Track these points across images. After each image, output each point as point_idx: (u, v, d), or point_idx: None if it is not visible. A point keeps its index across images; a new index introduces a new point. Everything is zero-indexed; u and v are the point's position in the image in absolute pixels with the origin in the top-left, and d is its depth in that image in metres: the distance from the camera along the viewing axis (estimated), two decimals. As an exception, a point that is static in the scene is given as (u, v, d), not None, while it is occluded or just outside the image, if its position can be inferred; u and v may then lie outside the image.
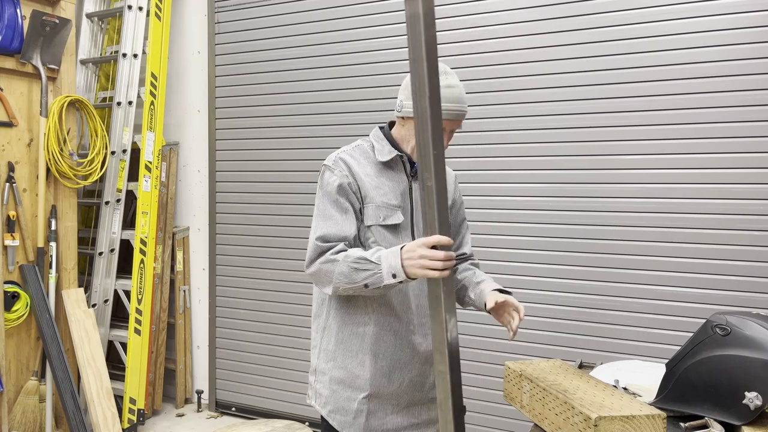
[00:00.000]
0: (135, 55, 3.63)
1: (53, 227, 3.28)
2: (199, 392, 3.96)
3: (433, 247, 1.40)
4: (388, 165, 1.70)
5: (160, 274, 3.82)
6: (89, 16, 3.87)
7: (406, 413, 1.72)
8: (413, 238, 1.65)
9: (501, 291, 1.71)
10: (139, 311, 3.57)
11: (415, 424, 1.74)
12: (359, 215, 1.67)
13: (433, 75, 1.34)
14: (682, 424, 1.40)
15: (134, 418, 3.50)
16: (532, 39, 2.99)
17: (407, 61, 3.43)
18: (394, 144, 1.70)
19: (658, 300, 2.78)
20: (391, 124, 1.77)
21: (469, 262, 1.91)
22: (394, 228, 1.67)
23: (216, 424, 3.78)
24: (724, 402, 1.36)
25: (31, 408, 3.19)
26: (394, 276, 1.49)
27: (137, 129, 3.71)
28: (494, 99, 3.07)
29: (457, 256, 1.85)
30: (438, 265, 1.39)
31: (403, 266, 1.46)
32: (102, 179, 3.54)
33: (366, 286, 1.53)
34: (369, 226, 1.66)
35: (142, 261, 3.59)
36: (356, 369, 1.68)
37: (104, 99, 3.88)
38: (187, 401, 4.05)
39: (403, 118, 1.69)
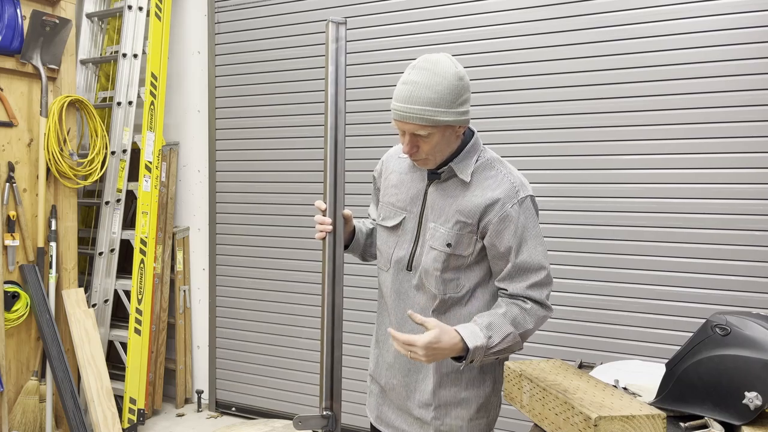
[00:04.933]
0: (135, 55, 3.63)
1: (53, 227, 3.28)
2: (199, 392, 3.95)
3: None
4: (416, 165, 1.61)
5: (160, 274, 3.82)
6: (89, 16, 3.87)
7: (399, 415, 1.70)
8: (415, 243, 1.61)
9: (464, 337, 1.44)
10: (139, 311, 3.57)
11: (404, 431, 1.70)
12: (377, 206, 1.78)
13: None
14: (682, 424, 1.40)
15: (134, 418, 3.50)
16: (532, 39, 2.99)
17: (409, 61, 3.44)
18: None
19: (658, 300, 2.78)
20: None
21: (506, 297, 1.56)
22: (389, 229, 1.67)
23: (216, 424, 3.78)
24: (724, 402, 1.36)
25: (31, 408, 3.19)
26: None
27: (137, 129, 3.71)
28: (495, 99, 3.07)
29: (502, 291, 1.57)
30: (316, 228, 1.59)
31: None
32: (102, 179, 3.54)
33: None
34: (377, 223, 1.73)
35: (142, 261, 3.59)
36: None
37: (104, 99, 3.88)
38: (187, 401, 4.05)
39: None
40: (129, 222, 3.84)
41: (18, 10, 3.10)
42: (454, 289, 1.58)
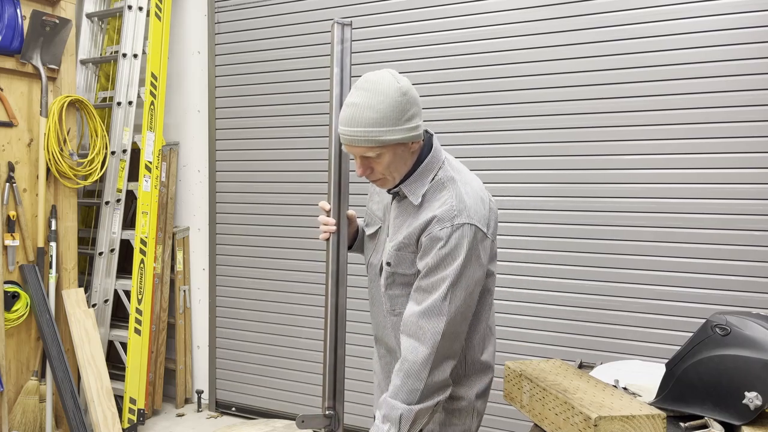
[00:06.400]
0: (135, 55, 3.63)
1: (53, 227, 3.28)
2: (199, 392, 3.96)
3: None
4: None
5: (160, 274, 3.82)
6: (89, 16, 3.87)
7: None
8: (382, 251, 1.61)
9: None
10: (139, 311, 3.57)
11: None
12: None
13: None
14: (682, 424, 1.41)
15: (134, 418, 3.50)
16: (532, 39, 2.99)
17: (409, 61, 3.44)
18: None
19: (658, 300, 2.78)
20: None
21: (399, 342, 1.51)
22: (369, 236, 1.68)
23: (216, 424, 3.78)
24: (724, 402, 1.36)
25: (31, 408, 3.19)
26: None
27: (137, 129, 3.71)
28: (495, 99, 3.07)
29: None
30: (320, 228, 1.59)
31: None
32: (102, 179, 3.54)
33: None
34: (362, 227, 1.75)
35: (142, 261, 3.59)
36: None
37: (104, 99, 3.88)
38: (187, 401, 4.05)
39: None
40: (129, 222, 3.84)
41: (18, 10, 3.09)
42: (401, 306, 1.53)
